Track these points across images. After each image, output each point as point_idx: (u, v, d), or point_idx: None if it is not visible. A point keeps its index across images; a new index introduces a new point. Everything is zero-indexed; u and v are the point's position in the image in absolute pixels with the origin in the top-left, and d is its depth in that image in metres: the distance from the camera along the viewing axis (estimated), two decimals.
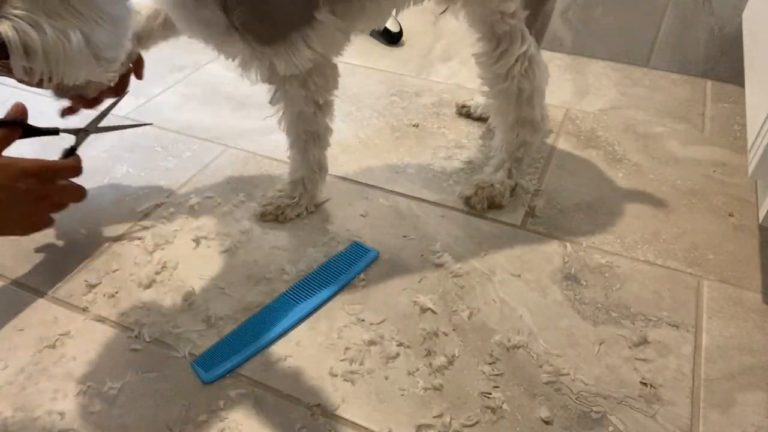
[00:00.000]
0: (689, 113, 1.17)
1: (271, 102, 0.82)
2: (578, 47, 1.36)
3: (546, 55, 1.35)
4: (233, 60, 0.76)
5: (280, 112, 0.83)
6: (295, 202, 0.89)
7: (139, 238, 0.85)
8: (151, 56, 0.88)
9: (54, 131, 0.81)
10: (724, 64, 1.25)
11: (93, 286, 0.78)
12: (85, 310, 0.75)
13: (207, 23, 0.70)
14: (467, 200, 0.92)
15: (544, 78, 0.86)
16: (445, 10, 0.85)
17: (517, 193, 0.94)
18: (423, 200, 0.94)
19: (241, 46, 0.72)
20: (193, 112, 1.15)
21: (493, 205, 0.91)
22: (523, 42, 0.80)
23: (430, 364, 0.69)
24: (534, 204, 0.93)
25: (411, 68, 1.32)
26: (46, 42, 0.53)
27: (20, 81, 0.59)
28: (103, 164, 1.00)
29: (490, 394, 0.66)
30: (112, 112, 0.91)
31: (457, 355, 0.70)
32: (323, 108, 0.82)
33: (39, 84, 0.58)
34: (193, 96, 1.20)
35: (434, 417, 0.64)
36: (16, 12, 0.52)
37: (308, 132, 0.84)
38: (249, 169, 1.00)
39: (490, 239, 0.87)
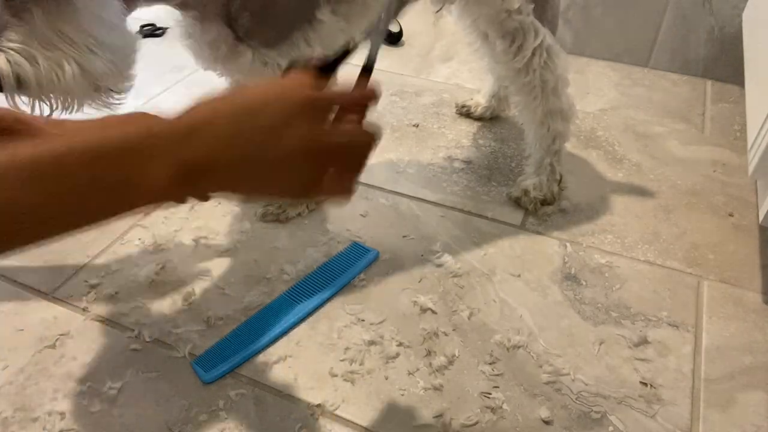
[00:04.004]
0: (689, 113, 1.17)
1: None
2: (578, 47, 1.36)
3: None
4: (237, 77, 0.76)
5: None
6: (297, 201, 0.89)
7: (139, 238, 0.85)
8: (151, 56, 0.88)
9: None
10: (724, 64, 1.25)
11: (93, 286, 0.78)
12: (85, 310, 0.75)
13: (213, 45, 0.71)
14: (517, 201, 0.92)
15: (565, 66, 0.86)
16: (440, 9, 0.85)
17: (564, 184, 0.94)
18: (423, 200, 0.94)
19: (249, 57, 0.72)
20: None
21: (546, 202, 0.92)
22: (537, 35, 0.81)
23: (430, 364, 0.69)
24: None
25: (411, 68, 1.32)
26: (39, 74, 0.53)
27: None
28: None
29: (490, 394, 0.66)
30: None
31: (457, 355, 0.70)
32: None
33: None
34: (193, 96, 1.20)
35: (434, 417, 0.64)
36: (12, 45, 0.52)
37: None
38: None
39: (490, 239, 0.87)
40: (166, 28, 1.39)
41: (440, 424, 0.63)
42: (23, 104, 0.55)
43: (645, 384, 0.68)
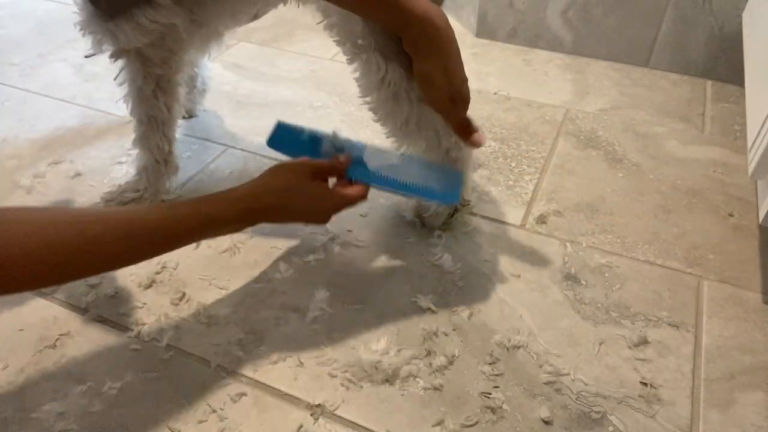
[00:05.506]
0: (689, 113, 1.17)
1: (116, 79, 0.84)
2: (578, 47, 1.36)
3: (546, 55, 1.37)
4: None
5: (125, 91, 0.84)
6: (139, 196, 0.89)
7: None
8: None
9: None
10: (724, 64, 1.25)
11: (93, 286, 0.78)
12: (85, 310, 0.75)
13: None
14: (412, 210, 0.89)
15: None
16: (321, 22, 0.82)
17: (459, 216, 0.88)
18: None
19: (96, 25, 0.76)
20: None
21: (426, 225, 0.88)
22: (379, 68, 0.76)
23: (430, 364, 0.69)
24: (534, 204, 0.93)
25: None
26: None
27: None
28: (103, 164, 1.00)
29: (490, 394, 0.66)
30: None
31: (457, 355, 0.70)
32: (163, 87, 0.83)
33: None
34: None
35: (434, 417, 0.64)
36: None
37: (149, 115, 0.85)
38: (249, 169, 1.00)
39: (490, 239, 0.87)
40: None
41: (440, 424, 0.63)
42: None
43: (645, 384, 0.68)
